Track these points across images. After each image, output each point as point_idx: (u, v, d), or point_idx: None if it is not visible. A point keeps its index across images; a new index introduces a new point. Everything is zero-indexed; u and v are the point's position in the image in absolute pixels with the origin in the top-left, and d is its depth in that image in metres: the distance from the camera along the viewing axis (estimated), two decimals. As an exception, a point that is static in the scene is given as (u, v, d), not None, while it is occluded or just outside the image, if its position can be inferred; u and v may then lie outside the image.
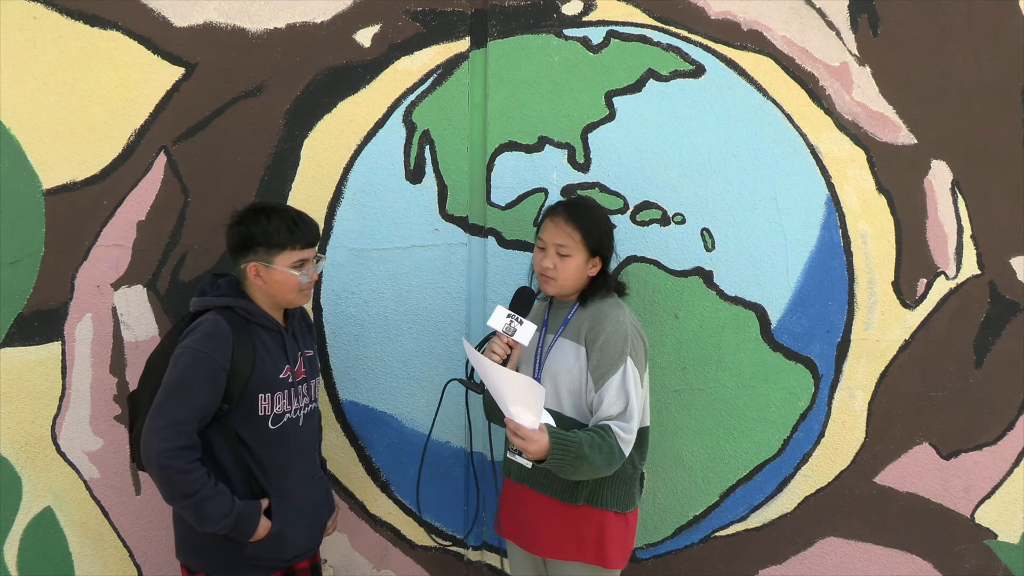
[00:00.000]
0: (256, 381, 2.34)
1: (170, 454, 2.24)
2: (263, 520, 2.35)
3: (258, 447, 2.37)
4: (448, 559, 3.01)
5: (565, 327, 2.48)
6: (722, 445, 2.94)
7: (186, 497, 2.26)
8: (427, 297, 2.89)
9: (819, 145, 2.86)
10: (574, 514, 2.44)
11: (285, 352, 2.43)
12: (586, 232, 2.43)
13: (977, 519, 2.96)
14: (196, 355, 2.28)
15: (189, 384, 2.27)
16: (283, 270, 2.35)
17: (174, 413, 2.25)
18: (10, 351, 2.82)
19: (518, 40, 2.84)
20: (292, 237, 2.35)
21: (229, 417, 2.34)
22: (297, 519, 2.44)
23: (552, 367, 2.44)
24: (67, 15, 2.77)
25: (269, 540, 2.37)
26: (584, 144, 2.86)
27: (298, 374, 2.46)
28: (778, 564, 2.99)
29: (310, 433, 2.54)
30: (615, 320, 2.41)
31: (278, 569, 2.45)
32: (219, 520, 2.28)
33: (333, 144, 2.85)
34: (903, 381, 2.92)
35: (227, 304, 2.38)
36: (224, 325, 2.32)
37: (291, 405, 2.43)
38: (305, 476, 2.49)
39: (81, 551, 2.91)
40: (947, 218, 2.89)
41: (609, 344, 2.38)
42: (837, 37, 2.85)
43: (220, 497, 2.29)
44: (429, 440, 2.79)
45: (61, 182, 2.80)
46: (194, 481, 2.26)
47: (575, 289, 2.48)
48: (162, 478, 2.26)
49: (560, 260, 2.43)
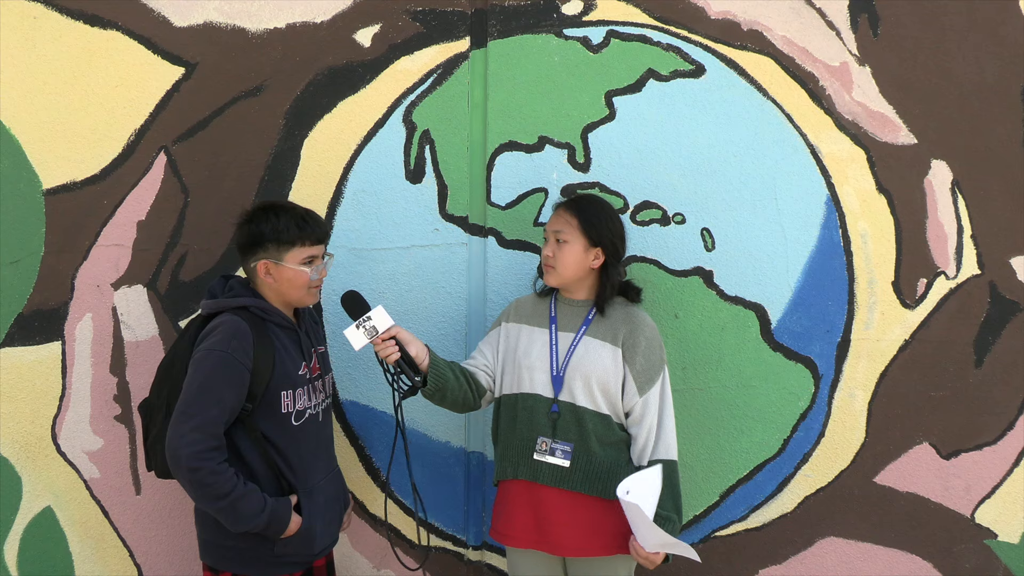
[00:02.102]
0: (278, 379, 2.35)
1: (200, 456, 2.23)
2: (294, 516, 2.36)
3: (284, 444, 2.38)
4: (448, 559, 3.01)
5: (588, 326, 2.50)
6: (722, 445, 2.93)
7: (220, 499, 2.25)
8: (427, 297, 2.89)
9: (819, 145, 2.86)
10: (614, 509, 2.40)
11: (301, 349, 2.44)
12: (584, 219, 2.46)
13: (977, 519, 2.96)
14: (221, 356, 2.28)
15: (215, 386, 2.27)
16: (293, 267, 2.36)
17: (201, 415, 2.25)
18: (10, 351, 2.82)
19: (518, 40, 2.84)
20: (302, 233, 2.37)
21: (253, 417, 2.35)
22: (323, 514, 2.45)
23: (583, 366, 2.45)
24: (67, 15, 2.77)
25: (299, 536, 2.38)
26: (584, 144, 2.86)
27: (314, 370, 2.48)
28: (778, 564, 2.99)
29: (328, 428, 2.56)
30: (650, 326, 2.53)
31: (306, 565, 2.45)
32: (253, 518, 2.28)
33: (333, 144, 2.84)
34: (903, 381, 2.92)
35: (243, 304, 2.38)
36: (244, 325, 2.33)
37: (311, 401, 2.45)
38: (326, 470, 2.51)
39: (81, 551, 2.91)
40: (947, 218, 2.89)
41: (650, 351, 2.49)
42: (837, 37, 2.85)
43: (252, 495, 2.29)
44: (400, 436, 2.59)
45: (61, 182, 2.80)
46: (226, 482, 2.25)
47: (575, 278, 2.49)
48: (193, 481, 2.25)
49: (558, 247, 2.46)
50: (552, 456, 2.40)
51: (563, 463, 2.39)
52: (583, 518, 2.44)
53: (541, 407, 2.48)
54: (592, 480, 2.44)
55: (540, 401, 2.48)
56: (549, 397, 2.47)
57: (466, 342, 2.90)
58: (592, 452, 2.44)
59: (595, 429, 2.44)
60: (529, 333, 2.55)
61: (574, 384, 2.45)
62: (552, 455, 2.39)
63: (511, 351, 2.56)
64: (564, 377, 2.46)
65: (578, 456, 2.43)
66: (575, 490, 2.44)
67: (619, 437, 2.48)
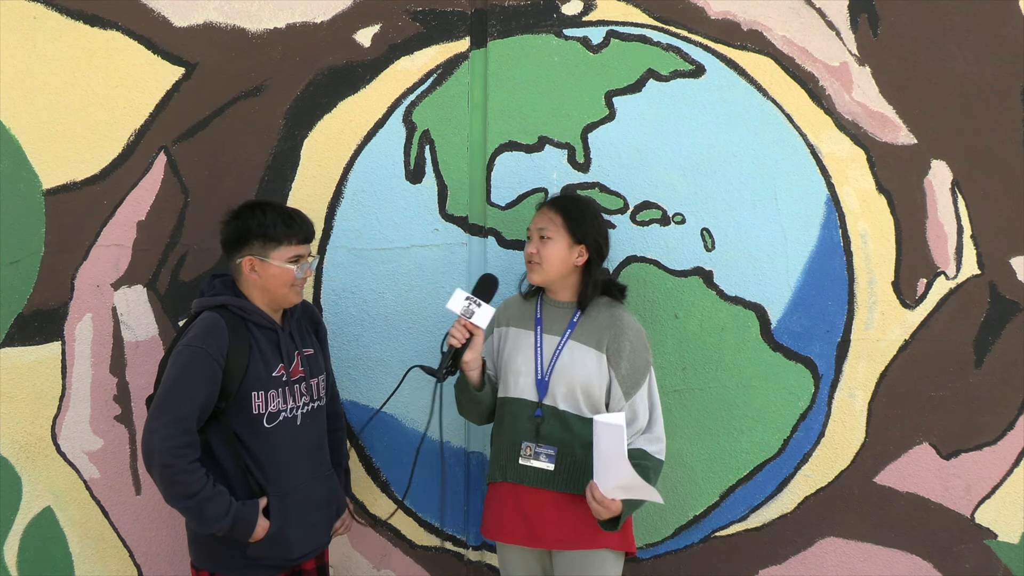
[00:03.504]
0: (251, 379, 2.35)
1: (172, 453, 2.24)
2: (261, 520, 2.35)
3: (254, 446, 2.37)
4: (448, 559, 3.00)
5: (573, 330, 2.50)
6: (722, 445, 2.93)
7: (188, 498, 2.27)
8: (427, 297, 2.89)
9: (819, 145, 2.86)
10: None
11: (279, 350, 2.43)
12: (567, 216, 2.47)
13: (977, 519, 2.96)
14: (195, 351, 2.30)
15: (188, 381, 2.28)
16: (279, 264, 2.36)
17: (175, 410, 2.26)
18: (10, 351, 2.82)
19: (518, 40, 2.84)
20: (289, 231, 2.38)
21: (226, 415, 2.35)
22: (301, 518, 2.43)
23: (567, 371, 2.46)
24: (67, 15, 2.77)
25: (270, 540, 2.37)
26: (584, 144, 2.86)
27: (294, 373, 2.45)
28: (778, 564, 2.98)
29: (314, 432, 2.52)
30: (636, 329, 2.52)
31: (284, 569, 2.44)
32: (217, 521, 2.28)
33: (333, 144, 2.84)
34: (903, 381, 2.92)
35: (222, 303, 2.39)
36: (220, 322, 2.34)
37: (286, 404, 2.42)
38: (309, 475, 2.48)
39: (81, 551, 2.91)
40: (947, 218, 2.89)
41: (636, 355, 2.48)
42: (837, 37, 2.85)
43: (219, 498, 2.29)
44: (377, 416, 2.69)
45: (61, 182, 2.80)
46: (195, 482, 2.26)
47: (558, 276, 2.50)
48: (164, 477, 2.26)
49: (542, 244, 2.47)
50: (536, 460, 2.43)
51: (547, 467, 2.43)
52: (569, 513, 2.46)
53: (525, 411, 2.49)
54: (576, 479, 2.45)
55: (524, 405, 2.49)
56: (533, 401, 2.49)
57: (466, 342, 2.90)
58: (576, 455, 2.45)
59: (580, 432, 2.45)
60: (515, 336, 2.56)
61: (557, 390, 2.46)
62: (536, 459, 2.43)
63: (500, 354, 2.58)
64: (548, 382, 2.47)
65: (562, 459, 2.45)
66: (560, 490, 2.46)
67: None
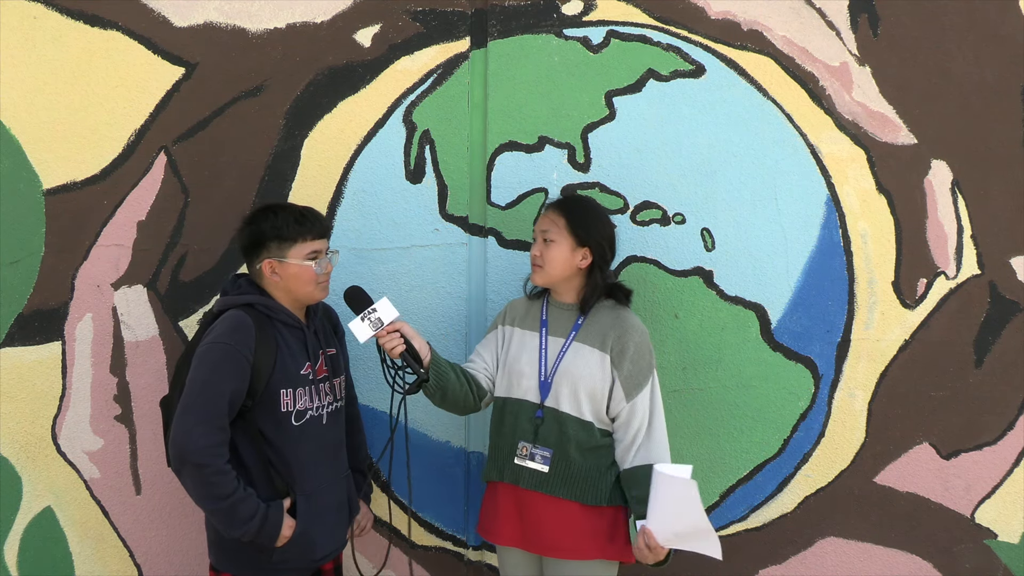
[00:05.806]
0: (278, 377, 2.35)
1: (208, 453, 2.23)
2: (287, 521, 2.34)
3: (281, 444, 2.37)
4: (448, 559, 3.01)
5: (578, 331, 2.50)
6: (722, 445, 2.93)
7: (220, 499, 2.25)
8: (427, 297, 2.89)
9: (819, 145, 2.86)
10: (593, 514, 2.46)
11: (306, 349, 2.44)
12: (571, 219, 2.48)
13: (977, 519, 2.96)
14: (223, 348, 2.29)
15: (218, 379, 2.27)
16: (297, 262, 2.36)
17: (207, 409, 2.25)
18: (10, 351, 2.82)
19: (518, 40, 2.84)
20: (301, 229, 2.38)
21: (253, 414, 2.34)
22: (324, 519, 2.43)
23: (571, 371, 2.46)
24: (67, 15, 2.77)
25: (296, 542, 2.36)
26: (584, 144, 2.86)
27: (319, 372, 2.46)
28: (778, 564, 2.99)
29: (335, 432, 2.52)
30: (640, 331, 2.52)
31: (309, 571, 2.44)
32: (245, 523, 2.27)
33: (333, 144, 2.85)
34: (903, 381, 2.92)
35: (248, 301, 2.38)
36: (247, 319, 2.34)
37: (313, 402, 2.43)
38: (331, 475, 2.48)
39: (81, 551, 2.91)
40: (947, 218, 2.89)
41: (639, 356, 2.48)
42: (837, 37, 2.85)
43: (249, 500, 2.28)
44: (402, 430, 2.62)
45: (61, 182, 2.80)
46: (229, 483, 2.25)
47: (561, 278, 2.50)
48: (198, 478, 2.24)
49: (546, 246, 2.48)
50: (532, 461, 2.45)
51: (542, 468, 2.44)
52: (561, 520, 2.46)
53: (526, 412, 2.50)
54: (570, 484, 2.45)
55: (526, 406, 2.50)
56: (535, 402, 2.49)
57: (466, 342, 2.90)
58: (571, 458, 2.46)
59: (576, 436, 2.46)
60: (520, 337, 2.56)
61: (561, 390, 2.46)
62: (532, 460, 2.44)
63: (505, 354, 2.58)
64: (552, 383, 2.47)
65: (557, 462, 2.46)
66: (553, 494, 2.46)
67: (600, 443, 2.49)
